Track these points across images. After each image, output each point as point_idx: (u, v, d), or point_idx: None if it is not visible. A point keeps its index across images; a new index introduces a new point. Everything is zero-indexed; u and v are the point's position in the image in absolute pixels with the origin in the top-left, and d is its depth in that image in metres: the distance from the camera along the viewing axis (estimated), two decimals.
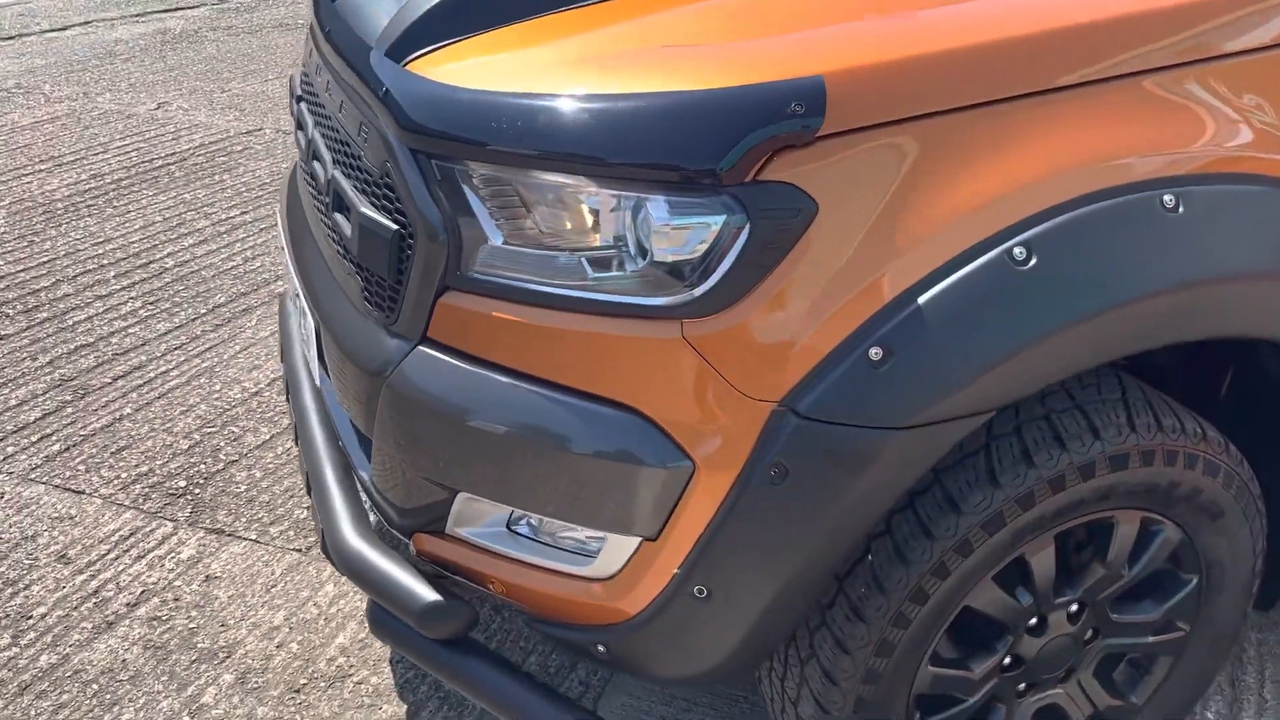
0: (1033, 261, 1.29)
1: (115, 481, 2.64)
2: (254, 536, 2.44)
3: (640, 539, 1.42)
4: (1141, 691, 1.76)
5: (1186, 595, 1.68)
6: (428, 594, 1.56)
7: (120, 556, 2.38)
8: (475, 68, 1.46)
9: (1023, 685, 1.66)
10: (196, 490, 2.60)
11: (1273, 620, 2.18)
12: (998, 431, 1.46)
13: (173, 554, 2.39)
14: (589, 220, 1.36)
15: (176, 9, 7.99)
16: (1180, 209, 1.34)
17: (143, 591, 2.28)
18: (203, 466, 2.69)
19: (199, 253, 3.89)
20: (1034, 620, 1.59)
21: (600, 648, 1.53)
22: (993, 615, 1.54)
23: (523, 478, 1.43)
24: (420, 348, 1.49)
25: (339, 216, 1.66)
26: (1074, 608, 1.62)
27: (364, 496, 1.77)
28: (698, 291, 1.30)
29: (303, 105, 1.97)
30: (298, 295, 1.94)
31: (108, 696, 2.03)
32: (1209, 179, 1.37)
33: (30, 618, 2.22)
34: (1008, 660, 1.62)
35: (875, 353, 1.28)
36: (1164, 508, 1.57)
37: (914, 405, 1.29)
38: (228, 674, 2.07)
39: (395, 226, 1.48)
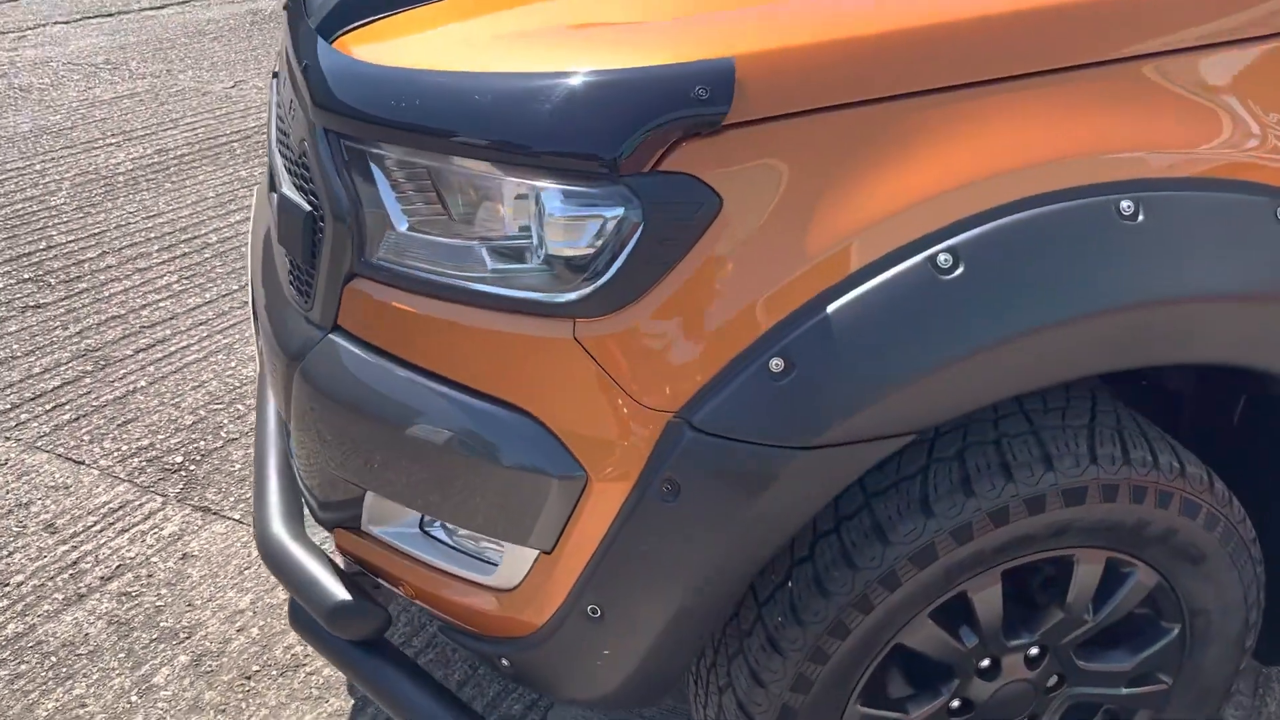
0: (959, 270, 1.16)
1: (115, 454, 2.65)
2: (238, 517, 2.42)
3: (538, 551, 1.33)
4: None
5: (1167, 645, 1.52)
6: (339, 593, 1.51)
7: (105, 529, 2.39)
8: (397, 45, 1.40)
9: None
10: (191, 467, 2.59)
11: None
12: (938, 455, 1.33)
13: (155, 530, 2.39)
14: (493, 209, 1.27)
15: None
16: (1140, 217, 1.19)
17: (119, 566, 2.28)
18: (202, 443, 2.68)
19: (243, 229, 3.91)
20: (985, 662, 1.46)
21: (504, 661, 1.45)
22: (931, 655, 1.41)
23: (418, 479, 1.36)
24: (330, 336, 1.42)
25: (274, 195, 1.61)
26: (1034, 651, 1.48)
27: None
28: (589, 289, 1.21)
29: (273, 82, 1.93)
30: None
31: (64, 670, 2.02)
32: (1177, 184, 1.21)
33: (7, 585, 2.24)
34: (955, 704, 1.48)
35: (777, 364, 1.16)
36: (1133, 548, 1.41)
37: (817, 424, 1.17)
38: (184, 655, 2.05)
39: (309, 208, 1.42)
